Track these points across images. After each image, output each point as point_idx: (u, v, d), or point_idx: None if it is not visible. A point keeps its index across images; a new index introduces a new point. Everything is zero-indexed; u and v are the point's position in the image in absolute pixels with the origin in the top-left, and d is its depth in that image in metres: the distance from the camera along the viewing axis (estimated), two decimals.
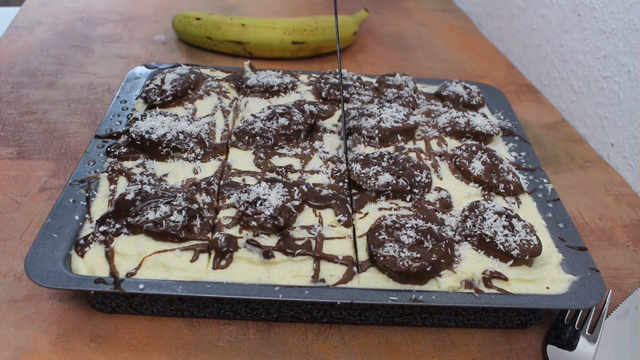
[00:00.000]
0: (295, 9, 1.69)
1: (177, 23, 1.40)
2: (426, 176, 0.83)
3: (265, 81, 1.04)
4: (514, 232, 0.74)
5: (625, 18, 1.08)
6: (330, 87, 1.05)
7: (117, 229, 0.71)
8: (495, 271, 0.71)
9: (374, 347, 0.72)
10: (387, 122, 0.93)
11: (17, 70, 1.23)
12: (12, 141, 1.01)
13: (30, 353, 0.67)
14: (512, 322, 0.75)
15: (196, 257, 0.70)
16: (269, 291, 0.66)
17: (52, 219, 0.72)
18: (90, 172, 0.81)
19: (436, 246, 0.71)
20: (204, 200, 0.77)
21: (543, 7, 1.36)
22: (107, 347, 0.69)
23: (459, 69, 1.45)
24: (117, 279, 0.66)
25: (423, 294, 0.68)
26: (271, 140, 0.89)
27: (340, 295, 0.67)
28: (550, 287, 0.71)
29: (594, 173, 1.10)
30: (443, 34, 1.64)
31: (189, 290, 0.65)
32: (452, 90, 1.08)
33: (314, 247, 0.72)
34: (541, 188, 0.88)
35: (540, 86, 1.38)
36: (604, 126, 1.15)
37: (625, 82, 1.08)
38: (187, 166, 0.84)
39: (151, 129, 0.85)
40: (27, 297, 0.74)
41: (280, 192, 0.76)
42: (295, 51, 1.38)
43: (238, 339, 0.72)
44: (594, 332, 0.74)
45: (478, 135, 0.95)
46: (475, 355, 0.73)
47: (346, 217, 0.76)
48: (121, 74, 1.24)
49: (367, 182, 0.81)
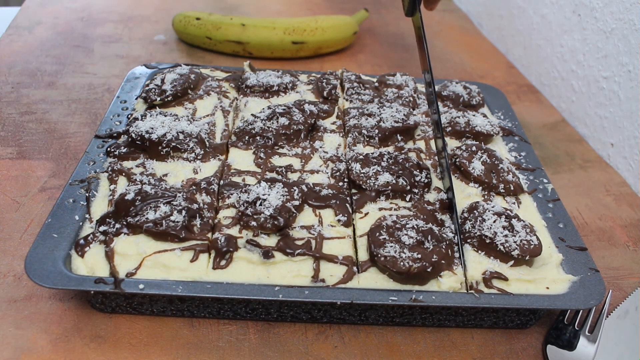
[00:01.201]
0: (295, 9, 1.69)
1: (177, 23, 1.40)
2: (426, 176, 0.83)
3: (265, 81, 1.04)
4: (514, 233, 0.74)
5: (625, 18, 1.08)
6: (331, 87, 1.05)
7: (117, 229, 0.71)
8: (496, 271, 0.71)
9: (374, 347, 0.72)
10: (387, 122, 0.93)
11: (17, 70, 1.23)
12: (12, 141, 1.01)
13: (30, 353, 0.67)
14: (512, 322, 0.75)
15: (196, 257, 0.70)
16: (269, 291, 0.66)
17: (52, 219, 0.72)
18: (90, 172, 0.81)
19: (437, 247, 0.71)
20: (204, 200, 0.77)
21: (543, 7, 1.35)
22: (107, 347, 0.69)
23: (459, 69, 1.45)
24: (117, 279, 0.66)
25: (423, 294, 0.68)
26: (271, 140, 0.89)
27: (340, 295, 0.67)
28: (550, 287, 0.71)
29: (594, 173, 1.10)
30: (443, 34, 1.64)
31: (189, 290, 0.65)
32: (452, 90, 1.08)
33: (314, 247, 0.72)
34: (541, 188, 0.88)
35: (540, 86, 1.38)
36: (604, 126, 1.15)
37: (625, 82, 1.08)
38: (187, 166, 0.84)
39: (151, 129, 0.85)
40: (27, 297, 0.74)
41: (280, 192, 0.76)
42: (295, 51, 1.38)
43: (238, 339, 0.72)
44: (594, 332, 0.74)
45: (478, 135, 0.95)
46: (475, 355, 0.72)
47: (346, 217, 0.76)
48: (121, 74, 1.24)
49: (367, 181, 0.81)
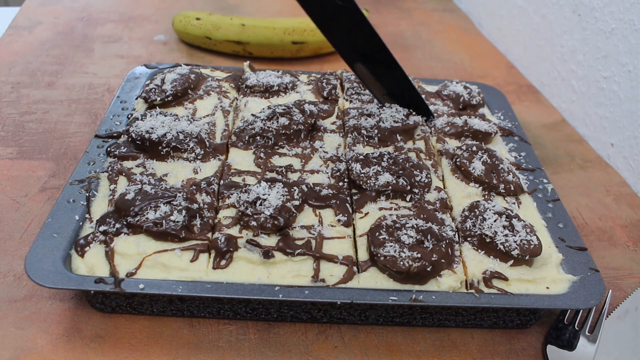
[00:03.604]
0: (295, 9, 1.68)
1: (177, 23, 1.40)
2: (426, 176, 0.83)
3: (265, 81, 1.04)
4: (514, 232, 0.74)
5: (625, 18, 1.08)
6: (331, 87, 1.05)
7: (117, 228, 0.71)
8: (496, 271, 0.71)
9: (374, 347, 0.72)
10: (387, 122, 0.93)
11: (17, 70, 1.23)
12: (12, 141, 1.01)
13: (30, 353, 0.67)
14: (512, 322, 0.75)
15: (196, 257, 0.70)
16: (269, 291, 0.66)
17: (52, 219, 0.72)
18: (90, 172, 0.81)
19: (436, 246, 0.71)
20: (204, 200, 0.77)
21: (543, 7, 1.35)
22: (107, 347, 0.69)
23: (459, 69, 1.45)
24: (117, 279, 0.66)
25: (423, 294, 0.68)
26: (271, 140, 0.89)
27: (340, 295, 0.67)
28: (550, 287, 0.71)
29: (594, 173, 1.10)
30: (443, 34, 1.64)
31: (189, 290, 0.65)
32: (452, 90, 1.08)
33: (314, 247, 0.72)
34: (541, 188, 0.88)
35: (540, 86, 1.38)
36: (604, 126, 1.15)
37: (625, 82, 1.08)
38: (187, 166, 0.84)
39: (151, 129, 0.85)
40: (27, 297, 0.74)
41: (280, 192, 0.76)
42: (295, 51, 1.38)
43: (238, 339, 0.72)
44: (594, 332, 0.74)
45: (476, 134, 0.95)
46: (475, 355, 0.73)
47: (346, 217, 0.76)
48: (121, 74, 1.24)
49: (367, 181, 0.81)
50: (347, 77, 1.09)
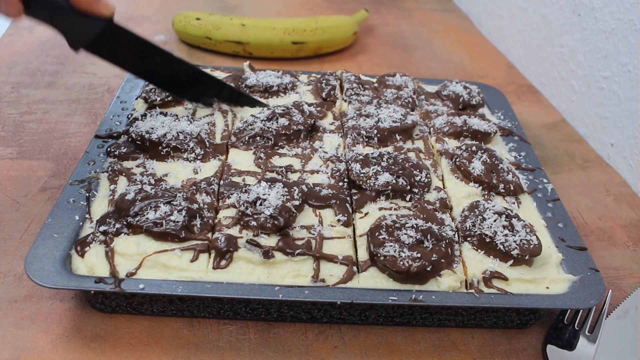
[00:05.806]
0: (295, 9, 1.69)
1: (177, 23, 1.40)
2: (426, 176, 0.83)
3: (265, 81, 1.04)
4: (514, 232, 0.74)
5: (625, 18, 1.08)
6: (330, 89, 1.05)
7: (117, 229, 0.71)
8: (496, 271, 0.71)
9: (374, 347, 0.72)
10: (385, 122, 0.93)
11: (17, 70, 1.23)
12: (12, 141, 1.01)
13: (30, 353, 0.67)
14: (512, 322, 0.75)
15: (196, 257, 0.70)
16: (269, 291, 0.66)
17: (52, 219, 0.72)
18: (90, 172, 0.81)
19: (436, 246, 0.71)
20: (204, 200, 0.77)
21: (543, 7, 1.36)
22: (107, 347, 0.69)
23: (459, 69, 1.45)
24: (117, 279, 0.66)
25: (423, 294, 0.68)
26: (271, 141, 0.89)
27: (340, 295, 0.67)
28: (550, 287, 0.71)
29: (594, 173, 1.10)
30: (443, 34, 1.64)
31: (189, 290, 0.65)
32: (452, 90, 1.08)
33: (314, 247, 0.72)
34: (541, 188, 0.88)
35: (540, 86, 1.38)
36: (604, 126, 1.15)
37: (625, 82, 1.08)
38: (187, 166, 0.84)
39: (151, 129, 0.85)
40: (27, 297, 0.74)
41: (280, 192, 0.76)
42: (295, 51, 1.38)
43: (238, 339, 0.72)
44: (594, 332, 0.74)
45: (476, 134, 0.95)
46: (475, 355, 0.73)
47: (346, 217, 0.76)
48: (121, 74, 1.24)
49: (366, 181, 0.81)
50: (346, 78, 1.09)
